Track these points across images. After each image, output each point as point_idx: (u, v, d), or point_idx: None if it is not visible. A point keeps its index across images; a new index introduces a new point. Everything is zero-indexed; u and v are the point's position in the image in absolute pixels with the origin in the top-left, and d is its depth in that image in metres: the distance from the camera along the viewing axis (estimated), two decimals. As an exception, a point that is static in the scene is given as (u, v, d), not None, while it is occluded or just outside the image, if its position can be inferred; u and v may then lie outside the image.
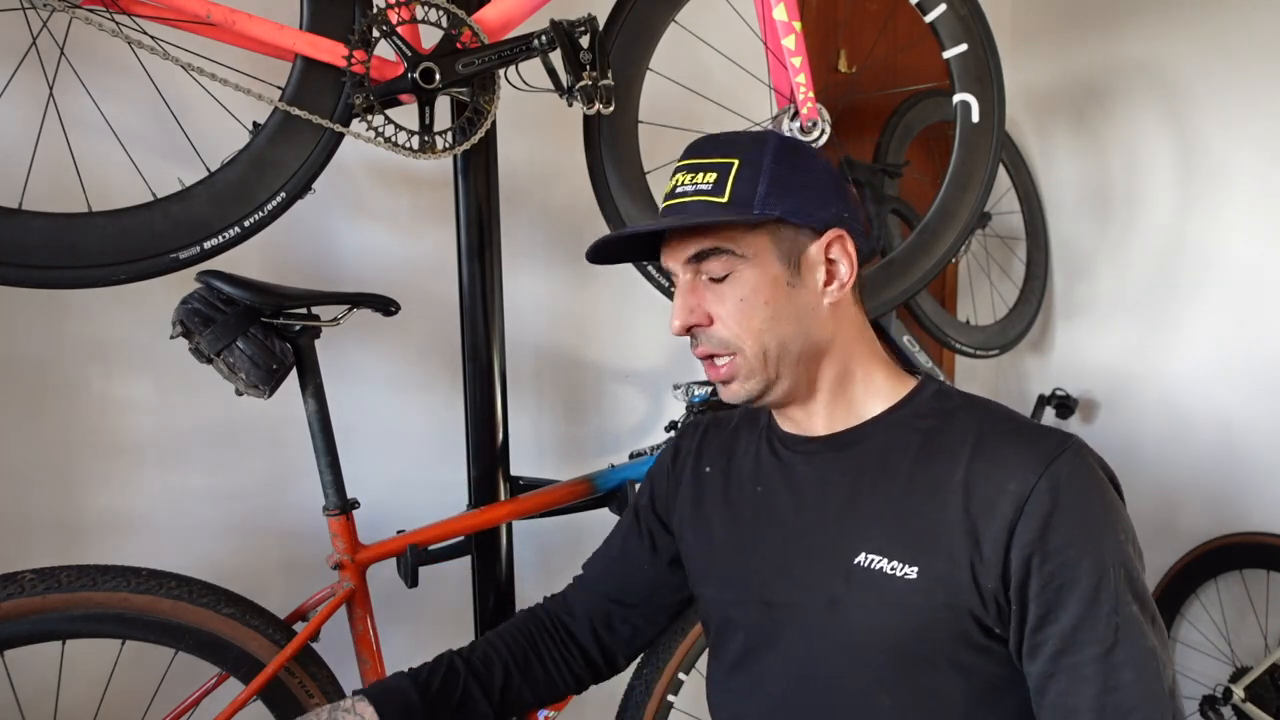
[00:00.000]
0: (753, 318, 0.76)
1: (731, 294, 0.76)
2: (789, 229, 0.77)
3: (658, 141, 1.30)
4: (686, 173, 0.78)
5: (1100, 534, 0.68)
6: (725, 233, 0.76)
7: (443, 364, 1.46)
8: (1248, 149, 1.87)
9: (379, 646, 1.11)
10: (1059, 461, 0.69)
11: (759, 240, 0.76)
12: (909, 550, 0.72)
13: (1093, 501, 0.69)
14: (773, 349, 0.77)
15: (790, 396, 0.81)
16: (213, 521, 1.28)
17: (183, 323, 0.97)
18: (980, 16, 1.38)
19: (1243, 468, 1.92)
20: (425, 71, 1.03)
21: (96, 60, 1.07)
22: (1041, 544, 0.67)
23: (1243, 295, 1.90)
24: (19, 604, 0.88)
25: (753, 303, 0.76)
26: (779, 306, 0.76)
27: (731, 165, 0.76)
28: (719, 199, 0.75)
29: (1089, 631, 0.67)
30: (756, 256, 0.76)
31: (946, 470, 0.73)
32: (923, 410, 0.79)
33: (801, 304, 0.77)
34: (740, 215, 0.74)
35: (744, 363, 0.78)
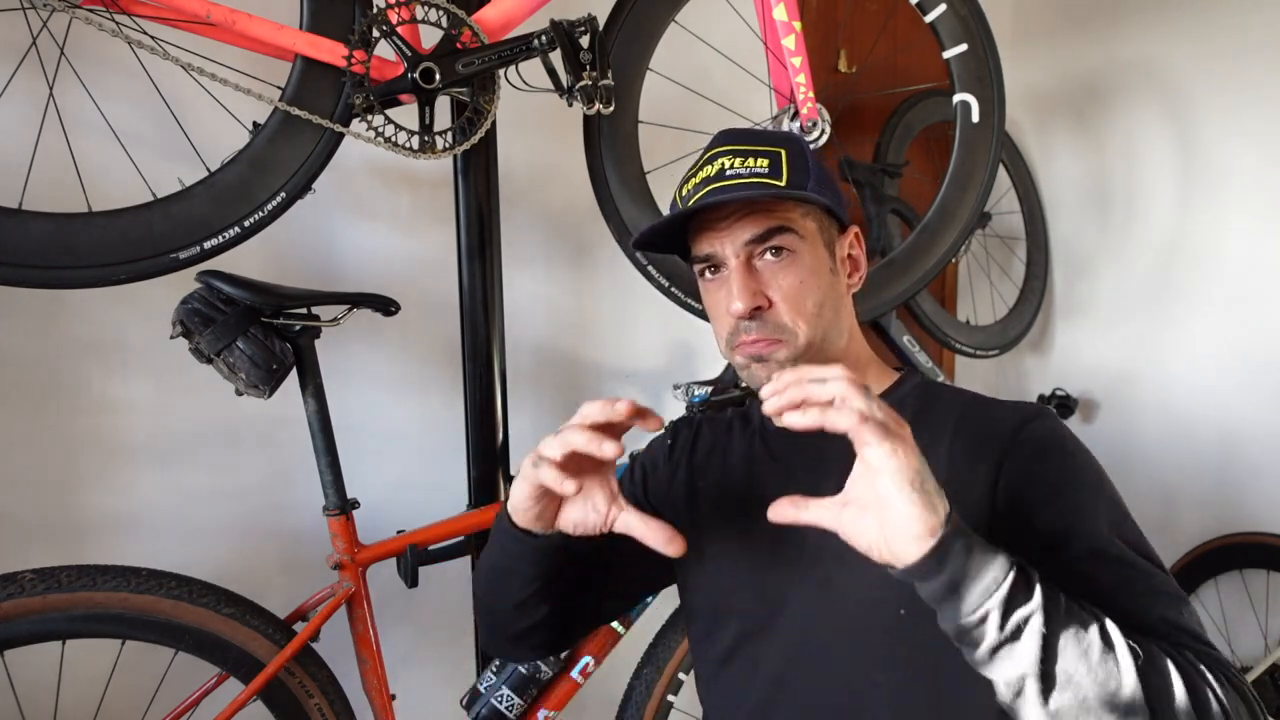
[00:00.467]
0: (807, 300, 0.77)
1: (790, 275, 0.77)
2: (829, 220, 0.81)
3: (658, 141, 1.30)
4: (734, 157, 0.78)
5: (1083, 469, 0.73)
6: (785, 213, 0.77)
7: (443, 364, 1.46)
8: (1248, 149, 1.87)
9: (379, 646, 1.11)
10: (1036, 420, 0.75)
11: (810, 225, 0.79)
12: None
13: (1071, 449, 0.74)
14: (819, 335, 0.78)
15: None
16: (213, 521, 1.28)
17: (183, 323, 0.97)
18: (980, 16, 1.38)
19: (1243, 468, 1.92)
20: (425, 71, 1.03)
21: (96, 60, 1.07)
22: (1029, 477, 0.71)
23: (1242, 295, 1.90)
24: (19, 604, 0.88)
25: (810, 286, 0.77)
26: (826, 291, 0.79)
27: (780, 154, 0.77)
28: (777, 182, 0.75)
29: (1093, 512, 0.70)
30: (810, 240, 0.78)
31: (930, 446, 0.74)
32: (907, 397, 0.83)
33: (839, 292, 0.81)
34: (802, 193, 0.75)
35: (792, 348, 0.78)
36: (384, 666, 1.11)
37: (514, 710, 1.07)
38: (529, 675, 1.08)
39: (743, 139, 0.80)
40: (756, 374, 0.80)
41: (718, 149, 0.80)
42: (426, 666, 1.49)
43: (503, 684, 1.07)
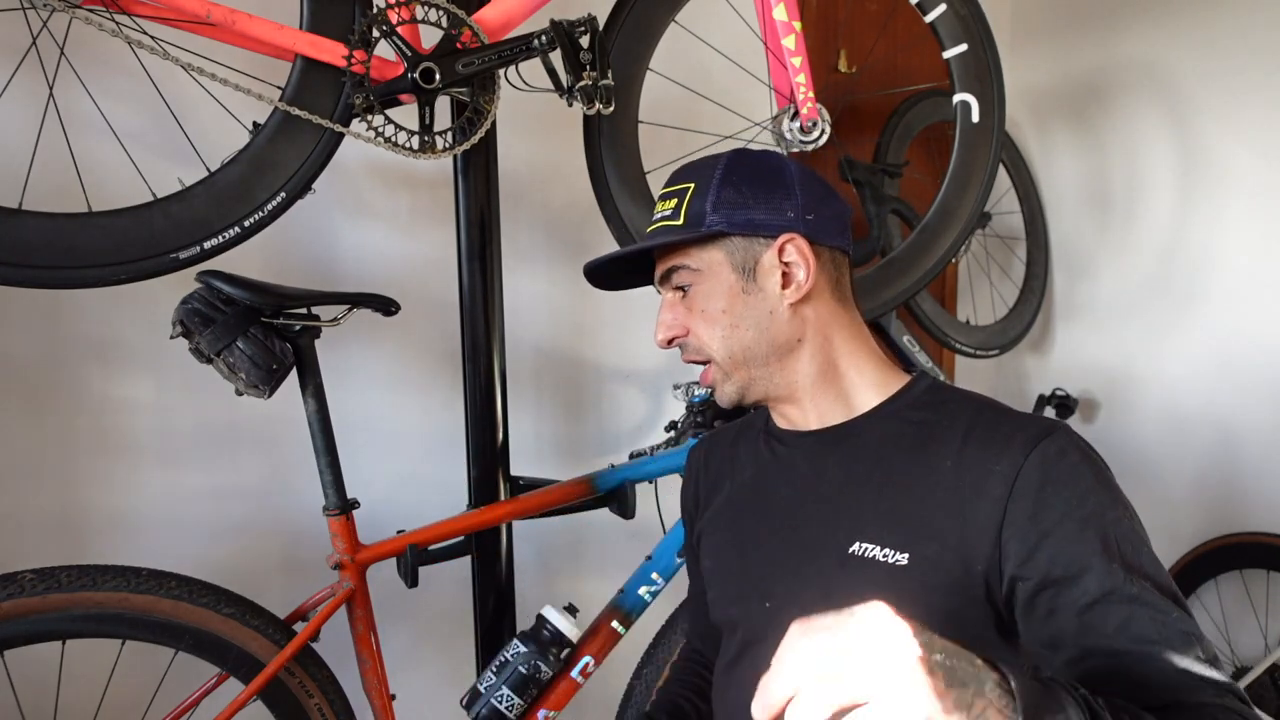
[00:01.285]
0: (714, 326, 0.82)
1: (695, 306, 0.83)
2: (739, 240, 0.81)
3: (658, 141, 1.30)
4: (660, 202, 0.85)
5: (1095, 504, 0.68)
6: (681, 252, 0.82)
7: (443, 364, 1.46)
8: (1248, 149, 1.87)
9: (379, 646, 1.11)
10: (1047, 441, 0.71)
11: (712, 254, 0.81)
12: (901, 537, 0.73)
13: (1083, 474, 0.70)
14: (738, 353, 0.82)
15: (770, 395, 0.84)
16: (213, 521, 1.28)
17: (183, 323, 0.97)
18: (980, 16, 1.38)
19: (1243, 468, 1.92)
20: (425, 71, 1.03)
21: (96, 60, 1.07)
22: (1036, 520, 0.68)
23: (1242, 295, 1.90)
24: (19, 604, 0.88)
25: (712, 312, 0.82)
26: (737, 313, 0.81)
27: (687, 190, 0.82)
28: (676, 222, 0.82)
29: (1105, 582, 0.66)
30: (710, 269, 0.81)
31: (937, 458, 0.75)
32: (916, 403, 0.81)
33: (759, 309, 0.81)
34: (683, 234, 0.80)
35: (718, 368, 0.83)
36: (384, 666, 1.11)
37: (514, 710, 1.07)
38: (529, 675, 1.08)
39: (671, 180, 0.86)
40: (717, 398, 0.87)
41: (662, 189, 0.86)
42: (426, 666, 1.49)
43: (503, 684, 1.07)
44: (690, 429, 1.36)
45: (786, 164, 0.83)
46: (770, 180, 0.82)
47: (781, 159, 0.84)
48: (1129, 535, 0.68)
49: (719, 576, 0.91)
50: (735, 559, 0.88)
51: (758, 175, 0.81)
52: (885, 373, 0.85)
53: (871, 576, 0.73)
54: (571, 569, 1.67)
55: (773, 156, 0.84)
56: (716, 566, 0.91)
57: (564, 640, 1.11)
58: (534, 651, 1.09)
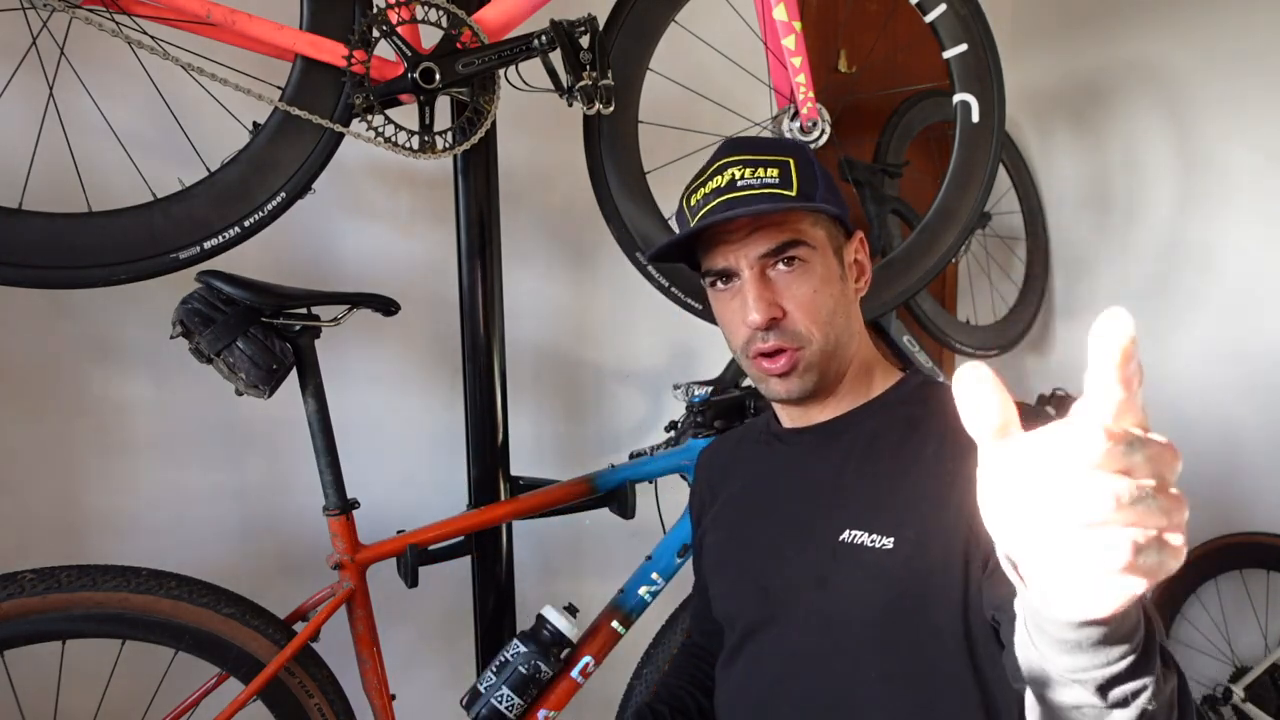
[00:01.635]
0: (822, 309, 0.78)
1: (804, 285, 0.78)
2: (837, 227, 0.81)
3: (658, 141, 1.30)
4: (744, 167, 0.78)
5: None
6: (797, 225, 0.78)
7: (443, 364, 1.46)
8: (1248, 149, 1.87)
9: (379, 646, 1.11)
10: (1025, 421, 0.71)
11: (820, 234, 0.79)
12: (887, 522, 0.74)
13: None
14: (833, 341, 0.80)
15: (828, 388, 0.83)
16: (213, 521, 1.28)
17: (183, 323, 0.97)
18: (980, 16, 1.38)
19: (1243, 468, 1.92)
20: (425, 71, 1.03)
21: (96, 60, 1.07)
22: None
23: (1242, 295, 1.90)
24: (19, 604, 0.88)
25: (823, 294, 0.78)
26: (838, 299, 0.80)
27: (789, 163, 0.78)
28: (788, 192, 0.76)
29: None
30: (821, 250, 0.79)
31: (921, 447, 0.76)
32: (908, 397, 0.83)
33: (849, 298, 0.82)
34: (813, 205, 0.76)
35: (809, 355, 0.79)
36: (384, 666, 1.11)
37: (514, 710, 1.07)
38: (529, 675, 1.08)
39: (751, 148, 0.80)
40: (776, 389, 0.81)
41: (726, 159, 0.79)
42: (426, 666, 1.49)
43: (503, 684, 1.07)
44: (690, 429, 1.36)
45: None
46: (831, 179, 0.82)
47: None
48: None
49: (720, 573, 0.92)
50: (735, 555, 0.89)
51: (825, 171, 0.81)
52: (886, 370, 0.87)
53: (861, 561, 0.75)
54: (571, 569, 1.67)
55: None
56: (718, 564, 0.92)
57: (564, 640, 1.11)
58: (534, 651, 1.09)
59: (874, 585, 0.74)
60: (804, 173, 0.77)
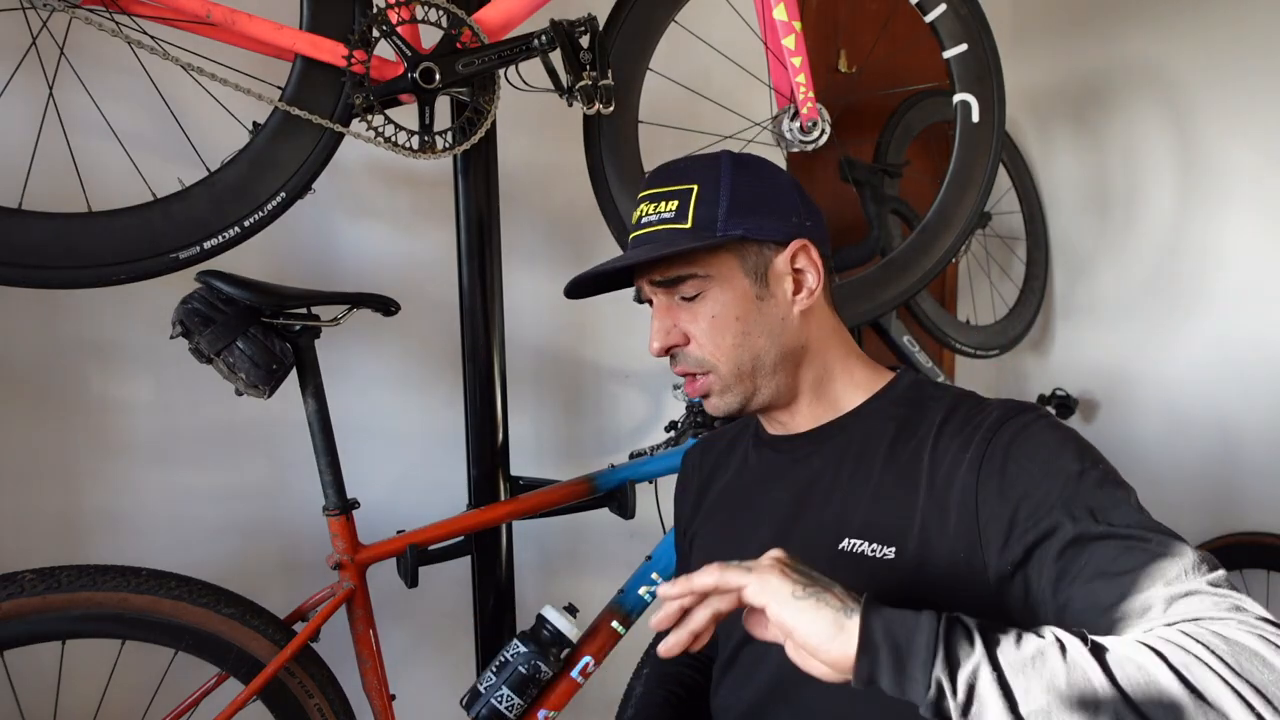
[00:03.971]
0: (725, 335, 0.79)
1: (704, 313, 0.79)
2: (752, 245, 0.80)
3: (658, 141, 1.30)
4: (649, 203, 0.81)
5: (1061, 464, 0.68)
6: (691, 257, 0.78)
7: (443, 364, 1.46)
8: (1248, 149, 1.87)
9: (379, 646, 1.11)
10: (1012, 420, 0.71)
11: (724, 260, 0.79)
12: (887, 532, 0.74)
13: (1045, 440, 0.70)
14: (747, 363, 0.80)
15: (772, 403, 0.84)
16: (213, 521, 1.28)
17: (183, 323, 0.97)
18: (980, 16, 1.38)
19: (1243, 468, 1.92)
20: (425, 71, 1.03)
21: (96, 60, 1.07)
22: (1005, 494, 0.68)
23: (1242, 295, 1.90)
24: (19, 604, 0.88)
25: (724, 320, 0.79)
26: (750, 321, 0.79)
27: (691, 191, 0.78)
28: (683, 225, 0.78)
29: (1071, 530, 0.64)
30: (723, 275, 0.79)
31: (915, 453, 0.76)
32: (898, 399, 0.82)
33: (772, 316, 0.80)
34: (703, 240, 0.77)
35: (719, 379, 0.81)
36: (384, 666, 1.11)
37: (514, 710, 1.07)
38: (529, 675, 1.08)
39: (661, 179, 0.82)
40: (706, 407, 0.84)
41: (643, 191, 0.82)
42: (426, 666, 1.49)
43: (503, 684, 1.07)
44: (690, 429, 1.36)
45: (780, 169, 0.83)
46: (773, 185, 0.81)
47: (773, 164, 0.84)
48: (1099, 483, 0.66)
49: None
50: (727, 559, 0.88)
51: (760, 179, 0.81)
52: (870, 371, 0.86)
53: (861, 571, 0.74)
54: (571, 569, 1.67)
55: (766, 161, 0.83)
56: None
57: (564, 640, 1.11)
58: (534, 651, 1.09)
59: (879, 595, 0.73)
60: (705, 198, 0.78)
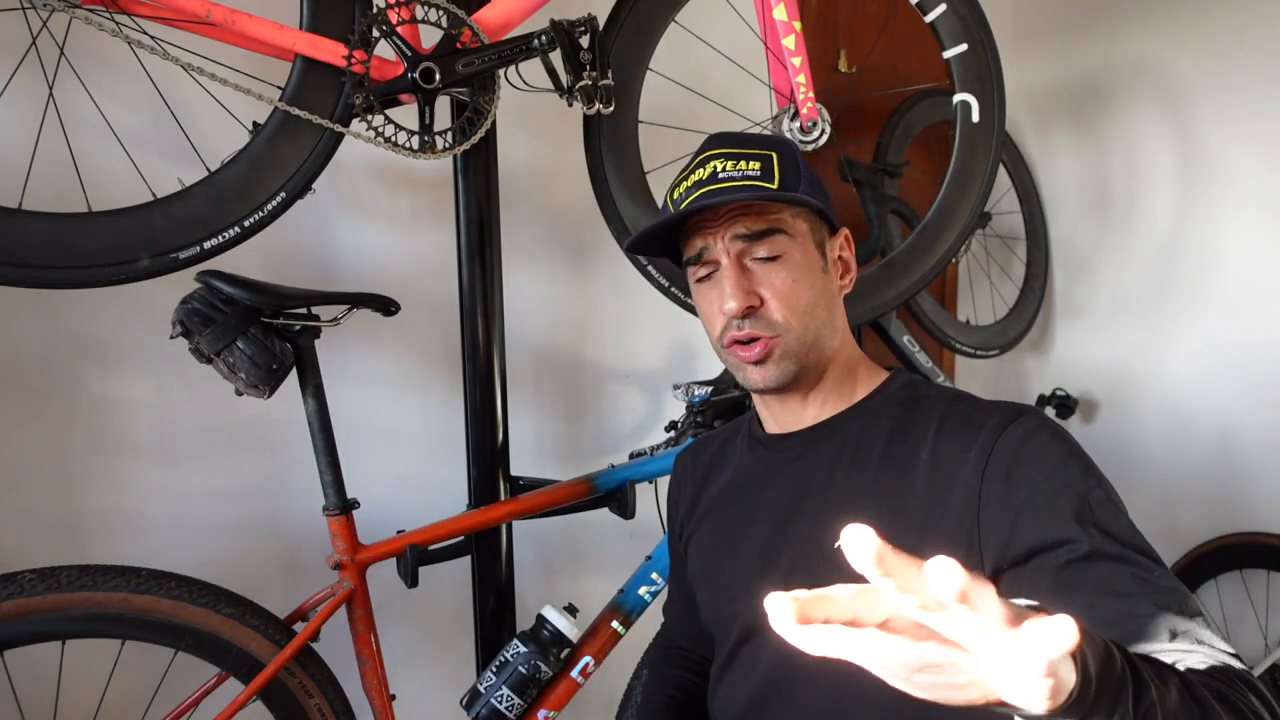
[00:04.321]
0: (801, 298, 0.78)
1: (782, 274, 0.78)
2: (820, 221, 0.82)
3: (658, 141, 1.30)
4: (726, 160, 0.78)
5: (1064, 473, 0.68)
6: (776, 215, 0.78)
7: (443, 364, 1.46)
8: (1248, 149, 1.87)
9: (379, 646, 1.11)
10: (1014, 424, 0.71)
11: (802, 226, 0.80)
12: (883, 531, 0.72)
13: (1051, 450, 0.70)
14: (811, 332, 0.79)
15: (810, 380, 0.83)
16: (213, 521, 1.28)
17: (183, 323, 0.97)
18: (980, 16, 1.38)
19: (1243, 468, 1.92)
20: (425, 71, 1.03)
21: (96, 60, 1.07)
22: (1009, 499, 0.68)
23: (1242, 295, 1.90)
24: (19, 604, 0.88)
25: (802, 284, 0.78)
26: (819, 290, 0.80)
27: (772, 156, 0.78)
28: (769, 184, 0.77)
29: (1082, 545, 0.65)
30: (802, 240, 0.80)
31: (913, 452, 0.75)
32: (892, 398, 0.82)
33: (832, 293, 0.82)
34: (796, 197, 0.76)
35: (785, 344, 0.79)
36: (384, 666, 1.11)
37: (514, 710, 1.07)
38: (529, 675, 1.08)
39: (734, 142, 0.81)
40: (753, 377, 0.81)
41: (709, 152, 0.81)
42: (426, 666, 1.49)
43: (503, 684, 1.07)
44: (690, 429, 1.36)
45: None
46: (819, 176, 0.83)
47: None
48: (1104, 503, 0.68)
49: (708, 578, 0.91)
50: (724, 560, 0.88)
51: (810, 168, 0.82)
52: (870, 372, 0.86)
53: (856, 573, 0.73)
54: (571, 569, 1.67)
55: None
56: (705, 568, 0.92)
57: (564, 640, 1.11)
58: (534, 651, 1.09)
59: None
60: (787, 166, 0.78)
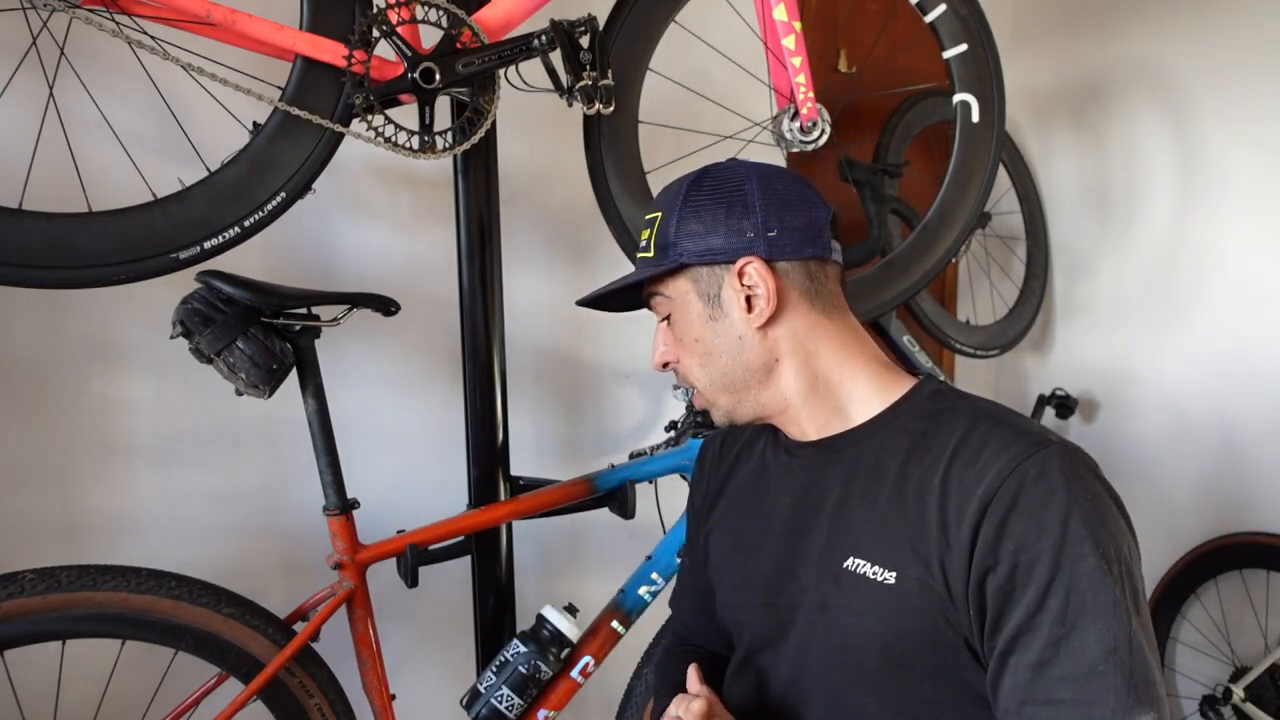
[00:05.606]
0: (692, 354, 0.83)
1: (675, 335, 0.84)
2: (702, 268, 0.81)
3: (658, 141, 1.30)
4: (643, 230, 0.85)
5: (1059, 537, 0.64)
6: (657, 281, 0.83)
7: (443, 364, 1.46)
8: (1248, 149, 1.87)
9: (379, 646, 1.11)
10: (1028, 463, 0.66)
11: (680, 285, 0.82)
12: (890, 555, 0.72)
13: (1054, 504, 0.65)
14: (716, 380, 0.82)
15: (764, 413, 0.84)
16: (213, 521, 1.28)
17: (183, 323, 0.97)
18: (980, 16, 1.38)
19: (1243, 468, 1.92)
20: (425, 71, 1.03)
21: (96, 60, 1.07)
22: (995, 547, 0.66)
23: (1242, 295, 1.90)
24: (19, 604, 0.88)
25: (687, 341, 0.83)
26: (709, 342, 0.82)
27: (656, 220, 0.83)
28: (649, 254, 0.83)
29: (1031, 638, 0.64)
30: (681, 299, 0.82)
31: (928, 474, 0.72)
32: (916, 412, 0.78)
33: (728, 336, 0.81)
34: (652, 268, 0.82)
35: (700, 395, 0.85)
36: (384, 666, 1.11)
37: (514, 710, 1.07)
38: (529, 675, 1.08)
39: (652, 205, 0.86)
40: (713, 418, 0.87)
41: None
42: (426, 666, 1.49)
43: (503, 684, 1.07)
44: (690, 429, 1.36)
45: (748, 178, 0.80)
46: (728, 201, 0.79)
47: (743, 173, 0.81)
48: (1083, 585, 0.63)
49: (724, 579, 0.91)
50: (739, 564, 0.88)
51: (716, 198, 0.80)
52: (886, 378, 0.81)
53: (861, 592, 0.73)
54: (571, 569, 1.67)
55: (734, 172, 0.81)
56: (721, 566, 0.91)
57: (564, 640, 1.11)
58: (534, 651, 1.09)
59: (873, 619, 0.72)
60: (664, 227, 0.81)
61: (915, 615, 0.70)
